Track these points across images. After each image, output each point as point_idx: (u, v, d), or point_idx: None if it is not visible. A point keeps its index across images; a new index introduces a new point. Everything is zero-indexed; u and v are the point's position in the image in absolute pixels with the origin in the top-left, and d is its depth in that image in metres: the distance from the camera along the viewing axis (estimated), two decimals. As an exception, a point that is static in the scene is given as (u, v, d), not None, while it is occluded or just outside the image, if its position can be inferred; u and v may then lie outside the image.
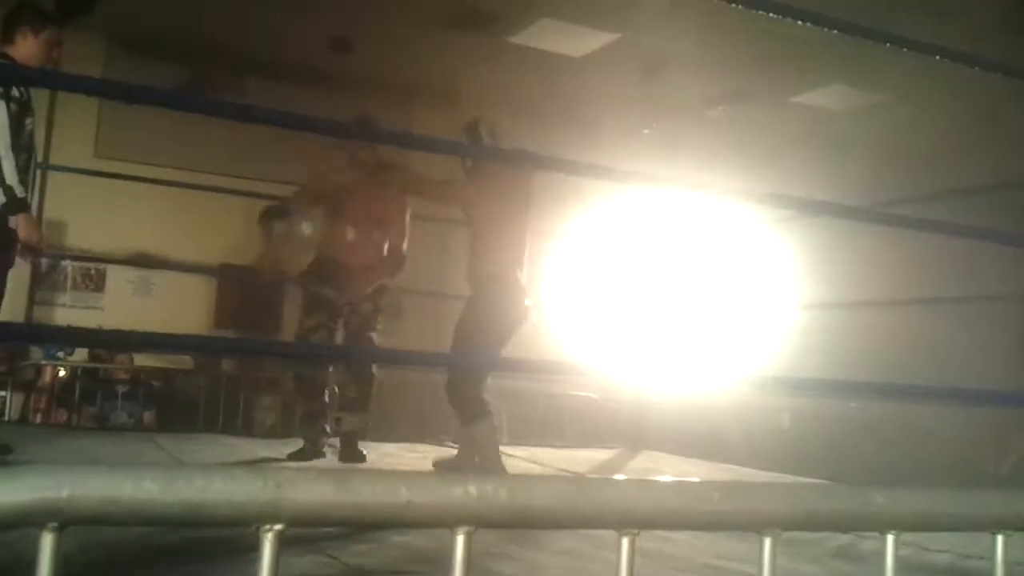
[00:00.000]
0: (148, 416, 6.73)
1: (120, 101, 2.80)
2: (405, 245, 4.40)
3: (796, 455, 6.74)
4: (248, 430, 6.28)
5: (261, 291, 7.51)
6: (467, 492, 0.78)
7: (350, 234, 4.31)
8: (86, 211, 6.82)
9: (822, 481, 3.48)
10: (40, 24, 3.62)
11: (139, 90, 2.08)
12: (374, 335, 4.39)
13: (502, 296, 3.91)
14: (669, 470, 5.73)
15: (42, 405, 6.40)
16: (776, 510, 0.92)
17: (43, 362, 6.54)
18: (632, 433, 7.33)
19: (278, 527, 0.75)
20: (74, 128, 6.92)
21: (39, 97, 5.23)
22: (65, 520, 0.71)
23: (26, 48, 3.57)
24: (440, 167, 4.02)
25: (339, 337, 4.38)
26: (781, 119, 7.70)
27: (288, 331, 7.51)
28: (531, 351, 3.61)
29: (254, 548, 0.78)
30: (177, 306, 7.15)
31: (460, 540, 0.79)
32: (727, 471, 6.01)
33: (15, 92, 3.49)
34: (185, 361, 7.04)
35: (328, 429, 4.43)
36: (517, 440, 5.71)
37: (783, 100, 7.46)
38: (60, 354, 6.60)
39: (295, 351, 4.12)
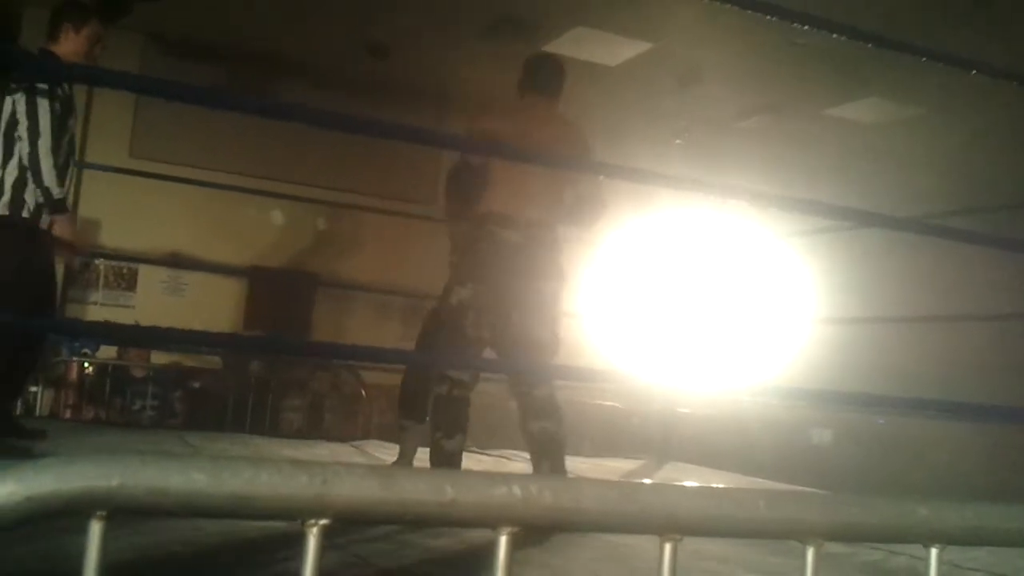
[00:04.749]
0: (176, 413, 6.78)
1: (161, 97, 2.82)
2: None
3: (825, 469, 6.69)
4: (275, 431, 6.32)
5: (291, 293, 7.57)
6: (511, 492, 0.78)
7: None
8: (120, 210, 6.89)
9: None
10: (81, 20, 3.65)
11: (180, 88, 2.09)
12: None
13: None
14: (697, 481, 5.72)
15: (71, 401, 6.46)
16: (819, 520, 0.91)
17: (73, 358, 6.60)
18: (658, 444, 7.30)
19: (324, 522, 0.75)
20: (110, 127, 7.01)
21: (76, 95, 5.29)
22: (114, 508, 0.71)
23: (69, 45, 3.61)
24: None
25: None
26: (815, 132, 7.66)
27: (319, 332, 7.57)
28: (563, 357, 3.59)
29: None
30: (208, 307, 7.21)
31: (503, 541, 0.79)
32: (756, 484, 5.98)
33: (59, 91, 3.53)
34: (214, 360, 7.09)
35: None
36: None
37: (817, 112, 7.41)
38: (87, 351, 6.67)
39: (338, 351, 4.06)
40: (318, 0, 6.36)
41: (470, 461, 4.53)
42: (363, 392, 6.85)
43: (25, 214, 3.51)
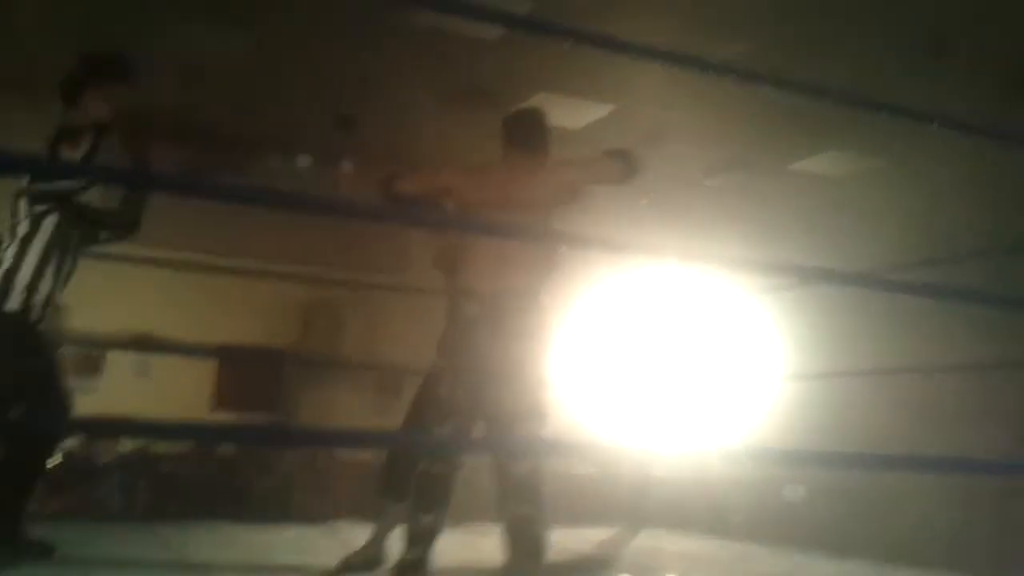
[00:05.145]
0: (143, 502, 6.59)
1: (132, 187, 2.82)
2: None
3: (800, 526, 6.60)
4: (246, 515, 6.16)
5: (261, 371, 7.47)
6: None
7: None
8: (85, 293, 6.77)
9: None
10: (98, 80, 3.65)
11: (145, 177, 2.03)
12: None
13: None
14: (672, 549, 5.60)
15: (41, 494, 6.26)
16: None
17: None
18: (633, 510, 7.19)
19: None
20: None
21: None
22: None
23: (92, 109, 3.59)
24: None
25: None
26: (781, 186, 7.71)
27: (291, 409, 7.44)
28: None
29: None
30: (176, 388, 7.07)
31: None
32: (730, 548, 5.88)
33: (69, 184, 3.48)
34: (181, 443, 6.93)
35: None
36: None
37: (782, 167, 7.47)
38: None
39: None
40: (284, 77, 6.37)
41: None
42: (335, 470, 6.71)
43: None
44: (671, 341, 7.27)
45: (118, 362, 7.15)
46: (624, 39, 2.32)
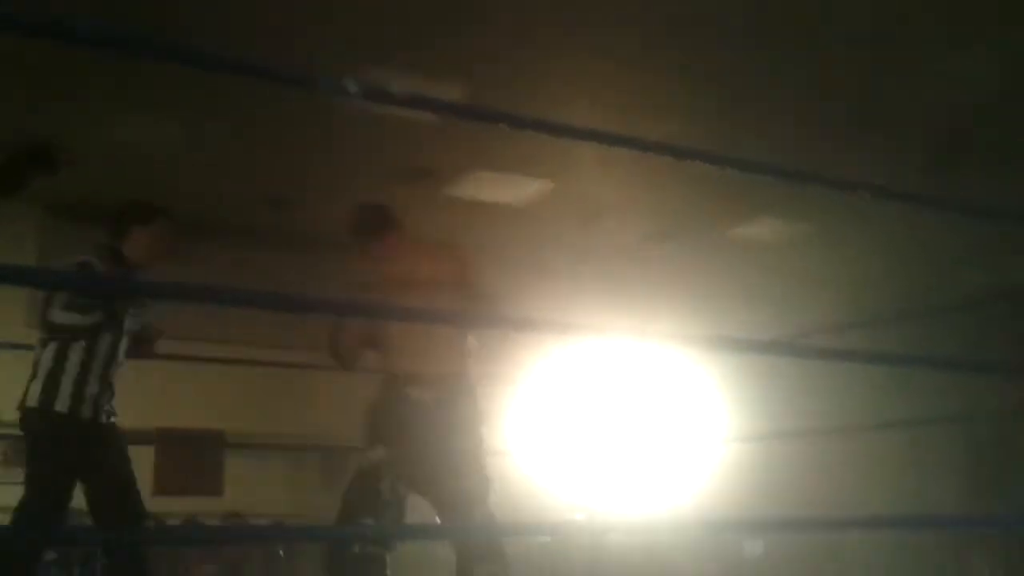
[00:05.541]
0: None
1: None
2: None
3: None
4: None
5: (201, 454, 7.31)
6: None
7: None
8: (12, 382, 6.62)
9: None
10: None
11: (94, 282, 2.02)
12: None
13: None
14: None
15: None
16: None
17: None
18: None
19: None
20: (5, 301, 6.79)
21: None
22: None
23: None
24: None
25: None
26: (715, 253, 7.87)
27: (234, 495, 7.27)
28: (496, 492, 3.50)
29: None
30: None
31: None
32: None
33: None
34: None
35: None
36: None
37: (718, 234, 7.64)
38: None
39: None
40: (216, 158, 6.37)
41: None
42: (281, 552, 6.59)
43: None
44: (616, 408, 7.32)
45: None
46: (557, 121, 2.38)
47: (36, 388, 3.59)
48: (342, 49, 4.86)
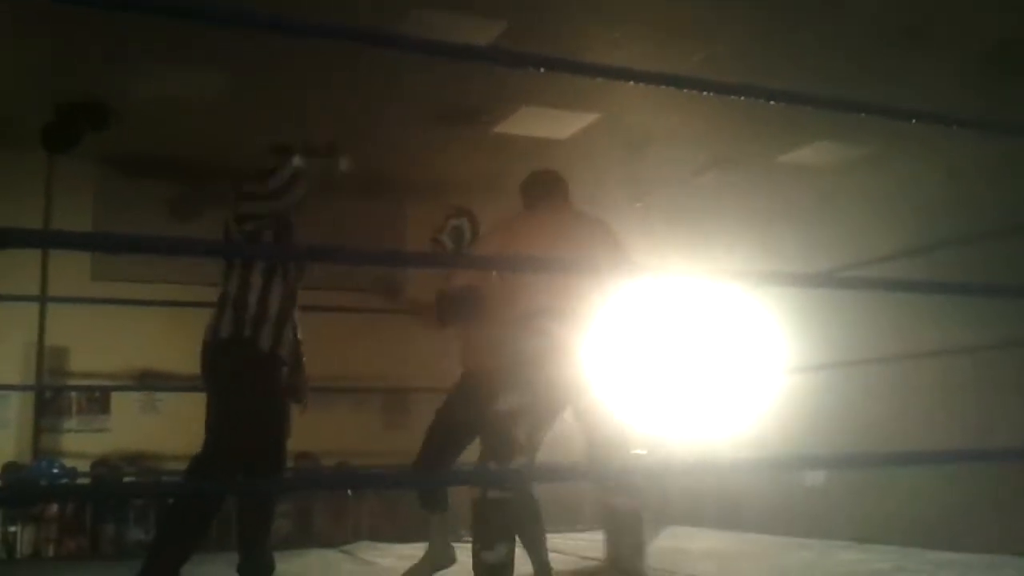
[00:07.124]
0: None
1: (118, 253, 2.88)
2: None
3: (821, 512, 6.63)
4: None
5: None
6: None
7: None
8: (87, 334, 6.83)
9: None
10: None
11: (134, 240, 2.08)
12: None
13: None
14: (696, 548, 5.64)
15: (54, 535, 6.30)
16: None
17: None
18: (652, 509, 7.21)
19: None
20: (69, 253, 6.98)
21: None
22: None
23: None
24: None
25: None
26: (771, 179, 7.75)
27: (300, 435, 7.45)
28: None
29: None
30: (185, 421, 7.08)
31: None
32: (752, 541, 5.91)
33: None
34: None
35: None
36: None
37: (771, 160, 7.51)
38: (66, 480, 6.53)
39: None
40: (261, 110, 6.41)
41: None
42: (349, 492, 6.75)
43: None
44: (673, 343, 7.30)
45: (126, 401, 7.20)
46: (595, 60, 2.36)
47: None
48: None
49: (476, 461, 3.50)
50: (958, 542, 5.06)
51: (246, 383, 3.49)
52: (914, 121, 2.74)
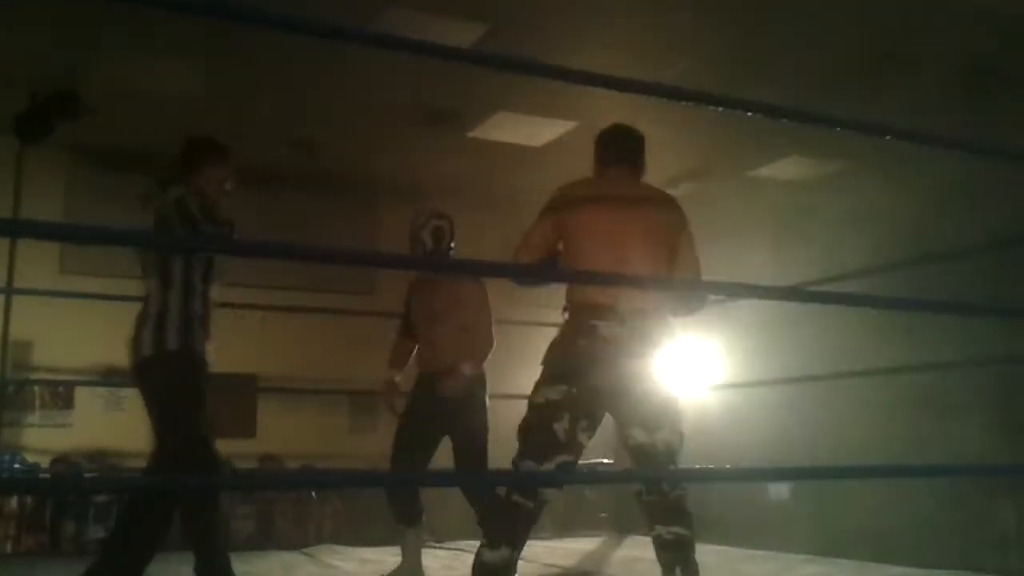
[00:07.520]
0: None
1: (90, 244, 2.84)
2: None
3: (784, 524, 6.65)
4: (225, 541, 6.12)
5: (233, 398, 7.42)
6: None
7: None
8: (53, 328, 6.75)
9: None
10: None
11: (104, 232, 2.04)
12: None
13: None
14: (655, 557, 5.63)
15: (12, 532, 6.21)
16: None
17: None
18: (616, 518, 7.23)
19: None
20: (38, 244, 6.89)
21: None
22: None
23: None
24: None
25: None
26: (741, 193, 7.80)
27: (265, 436, 7.41)
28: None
29: None
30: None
31: None
32: (714, 552, 5.93)
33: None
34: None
35: None
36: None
37: (742, 174, 7.57)
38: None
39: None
40: (245, 103, 6.37)
41: (427, 557, 4.44)
42: (313, 494, 6.71)
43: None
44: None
45: (89, 397, 7.12)
46: (573, 67, 2.36)
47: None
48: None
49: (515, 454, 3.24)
50: (919, 557, 5.11)
51: (163, 385, 3.52)
52: (887, 137, 2.74)
